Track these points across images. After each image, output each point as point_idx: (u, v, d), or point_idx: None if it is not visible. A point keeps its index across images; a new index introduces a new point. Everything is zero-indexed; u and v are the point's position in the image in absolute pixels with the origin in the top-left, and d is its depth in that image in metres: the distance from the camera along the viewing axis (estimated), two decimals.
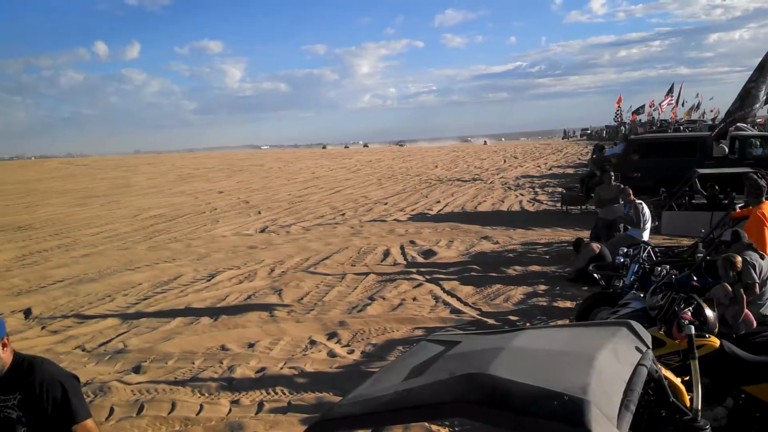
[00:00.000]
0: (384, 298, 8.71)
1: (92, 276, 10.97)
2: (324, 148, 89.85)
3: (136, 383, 6.12)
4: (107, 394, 5.85)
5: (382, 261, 11.25)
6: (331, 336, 7.30)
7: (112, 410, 5.55)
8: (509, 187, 23.33)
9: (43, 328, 8.14)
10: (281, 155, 58.09)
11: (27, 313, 8.89)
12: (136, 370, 6.50)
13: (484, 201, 19.56)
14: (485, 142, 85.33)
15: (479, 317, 7.74)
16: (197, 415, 5.40)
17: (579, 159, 37.47)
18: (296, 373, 6.20)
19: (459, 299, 8.56)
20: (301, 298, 8.97)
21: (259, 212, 18.86)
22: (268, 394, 5.73)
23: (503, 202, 19.22)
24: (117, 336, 7.64)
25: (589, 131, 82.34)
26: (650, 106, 58.15)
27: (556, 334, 2.67)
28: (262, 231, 15.27)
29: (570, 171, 29.77)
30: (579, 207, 16.57)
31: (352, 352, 6.78)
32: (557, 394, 1.80)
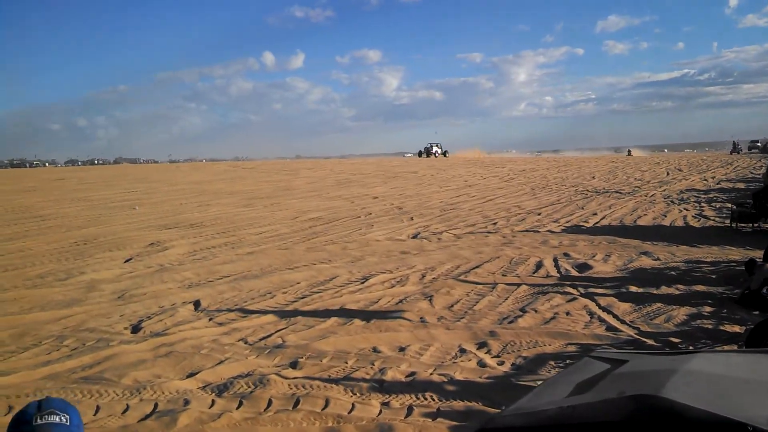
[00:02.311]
0: (536, 311, 8.54)
1: (255, 273, 11.62)
2: (444, 156, 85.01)
3: (293, 378, 6.40)
4: (266, 387, 6.16)
5: (534, 272, 11.03)
6: (481, 345, 7.25)
7: (270, 402, 5.83)
8: (672, 201, 22.10)
9: (210, 320, 8.71)
10: (433, 163, 58.49)
11: (196, 304, 9.56)
12: (293, 365, 6.80)
13: (645, 215, 18.65)
14: (629, 152, 79.40)
15: (637, 337, 7.38)
16: (349, 413, 5.56)
17: (751, 173, 34.80)
18: (446, 380, 6.22)
19: (615, 316, 8.22)
20: (452, 306, 8.99)
21: (412, 218, 19.12)
22: (418, 398, 5.79)
23: (665, 216, 18.24)
24: (276, 332, 8.03)
25: (759, 144, 74.51)
26: None
27: (733, 360, 2.50)
28: (414, 237, 15.47)
29: (741, 186, 27.70)
30: (751, 225, 15.37)
31: (502, 363, 6.70)
32: (739, 424, 1.68)
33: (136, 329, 8.39)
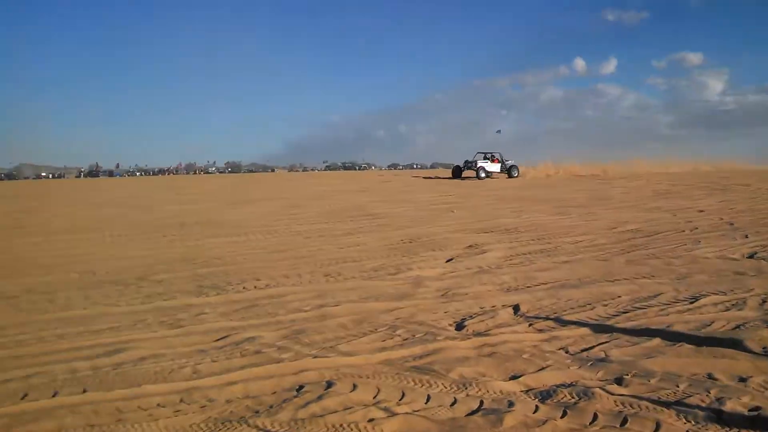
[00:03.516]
0: None
1: (573, 283, 11.46)
2: (510, 175, 57.24)
3: (618, 394, 6.17)
4: (591, 400, 6.03)
5: None
6: None
7: (595, 416, 5.70)
8: None
9: (529, 326, 8.80)
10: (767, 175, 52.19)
11: (515, 309, 9.72)
12: (618, 381, 6.56)
13: None
14: None
15: None
16: None
17: None
18: None
19: None
20: None
21: (746, 236, 17.24)
22: None
23: None
24: (598, 344, 7.82)
25: None
26: None
27: None
28: (751, 257, 13.92)
29: None
30: None
31: None
32: None
33: (459, 327, 8.81)
